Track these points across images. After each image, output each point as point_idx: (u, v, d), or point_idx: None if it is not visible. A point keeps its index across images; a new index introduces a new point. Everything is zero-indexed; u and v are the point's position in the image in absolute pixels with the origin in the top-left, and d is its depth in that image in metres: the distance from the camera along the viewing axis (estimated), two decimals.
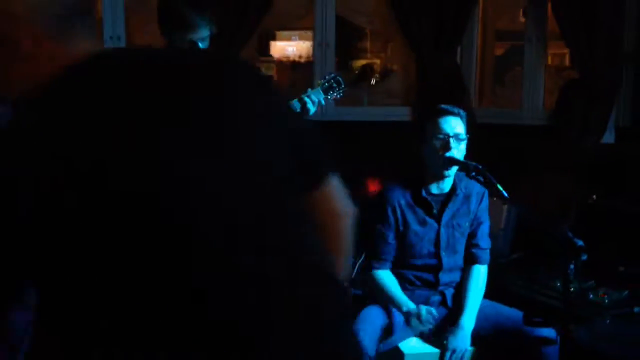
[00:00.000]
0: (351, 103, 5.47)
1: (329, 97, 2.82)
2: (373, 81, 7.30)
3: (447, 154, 2.50)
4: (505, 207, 3.85)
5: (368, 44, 8.14)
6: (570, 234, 1.92)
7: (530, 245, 3.66)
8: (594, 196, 3.42)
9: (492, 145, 4.16)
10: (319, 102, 2.75)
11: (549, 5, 3.97)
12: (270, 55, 8.98)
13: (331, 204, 1.20)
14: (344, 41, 7.43)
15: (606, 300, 2.91)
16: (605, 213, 3.29)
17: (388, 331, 2.56)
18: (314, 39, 4.46)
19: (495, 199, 3.93)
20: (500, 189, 2.28)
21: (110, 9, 4.02)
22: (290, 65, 8.79)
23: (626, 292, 2.91)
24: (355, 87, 6.59)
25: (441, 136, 2.52)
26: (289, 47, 9.54)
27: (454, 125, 2.54)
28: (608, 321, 2.82)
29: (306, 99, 2.71)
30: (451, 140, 2.51)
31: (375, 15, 4.99)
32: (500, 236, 3.87)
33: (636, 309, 2.86)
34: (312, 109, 2.73)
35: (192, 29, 2.40)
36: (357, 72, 7.72)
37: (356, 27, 6.57)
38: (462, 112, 2.60)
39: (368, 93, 6.21)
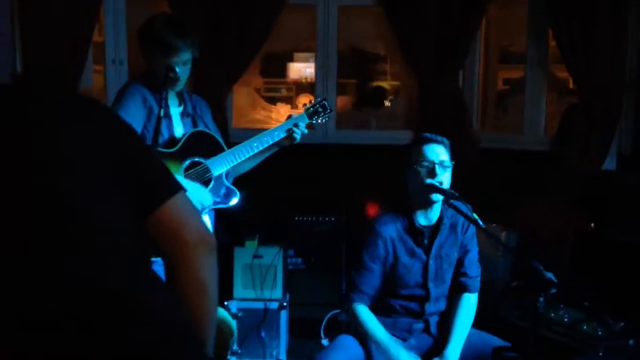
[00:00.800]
0: (360, 126, 5.47)
1: (313, 121, 2.81)
2: (388, 103, 7.31)
3: (429, 180, 2.46)
4: (504, 233, 3.79)
5: (387, 67, 8.18)
6: (539, 267, 1.86)
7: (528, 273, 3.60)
8: (592, 224, 3.35)
9: (494, 170, 4.13)
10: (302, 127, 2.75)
11: (550, 30, 3.95)
12: (285, 77, 9.05)
13: (178, 231, 1.09)
14: (362, 64, 7.47)
15: (599, 332, 2.84)
16: (603, 241, 3.22)
17: None
18: (315, 62, 4.48)
19: (494, 224, 3.91)
20: (476, 217, 2.23)
21: (112, 33, 4.09)
22: (308, 86, 8.85)
23: (622, 323, 2.83)
24: (363, 111, 6.60)
25: (426, 163, 2.49)
26: (307, 69, 9.61)
27: (439, 153, 2.51)
28: (601, 354, 2.75)
29: (291, 126, 2.71)
30: (436, 167, 2.48)
31: (376, 38, 5.00)
32: (499, 262, 3.81)
33: (631, 342, 2.78)
34: (298, 132, 2.73)
35: (173, 53, 2.40)
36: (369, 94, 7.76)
37: (353, 49, 6.57)
38: (445, 140, 2.56)
39: (376, 116, 6.21)
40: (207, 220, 2.65)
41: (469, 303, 2.62)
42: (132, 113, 2.38)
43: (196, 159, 2.57)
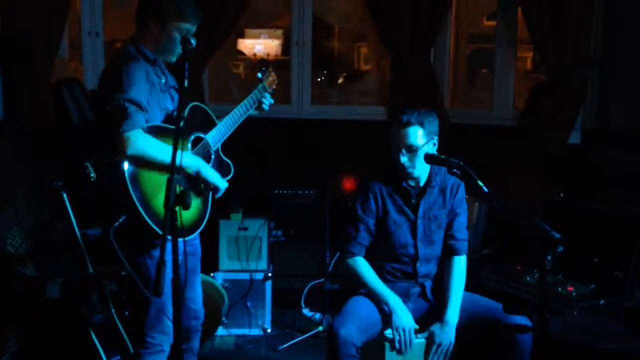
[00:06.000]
0: (321, 102, 5.52)
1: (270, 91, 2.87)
2: (341, 79, 7.38)
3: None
4: (477, 204, 3.97)
5: (335, 43, 8.24)
6: (547, 227, 2.02)
7: (500, 241, 3.79)
8: (562, 194, 3.55)
9: (464, 145, 4.28)
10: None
11: (519, 10, 4.12)
12: (243, 54, 9.02)
13: None
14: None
15: (574, 294, 3.04)
16: (571, 210, 3.41)
17: (376, 322, 2.63)
18: (291, 38, 4.51)
19: (467, 196, 4.08)
20: (481, 184, 2.36)
21: (88, 5, 4.01)
22: (259, 63, 8.82)
23: (592, 286, 3.04)
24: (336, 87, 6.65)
25: (402, 146, 2.66)
26: (257, 45, 9.57)
27: (415, 135, 2.65)
28: (576, 313, 2.95)
29: (260, 96, 2.80)
30: (407, 150, 2.65)
31: (350, 15, 5.07)
32: (471, 233, 3.99)
33: (602, 302, 2.99)
34: (266, 103, 2.83)
35: (188, 22, 2.38)
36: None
37: (324, 25, 6.63)
38: (423, 118, 2.66)
39: (339, 92, 6.28)
40: None
41: (459, 265, 2.76)
42: (143, 90, 2.32)
43: (198, 134, 2.58)
